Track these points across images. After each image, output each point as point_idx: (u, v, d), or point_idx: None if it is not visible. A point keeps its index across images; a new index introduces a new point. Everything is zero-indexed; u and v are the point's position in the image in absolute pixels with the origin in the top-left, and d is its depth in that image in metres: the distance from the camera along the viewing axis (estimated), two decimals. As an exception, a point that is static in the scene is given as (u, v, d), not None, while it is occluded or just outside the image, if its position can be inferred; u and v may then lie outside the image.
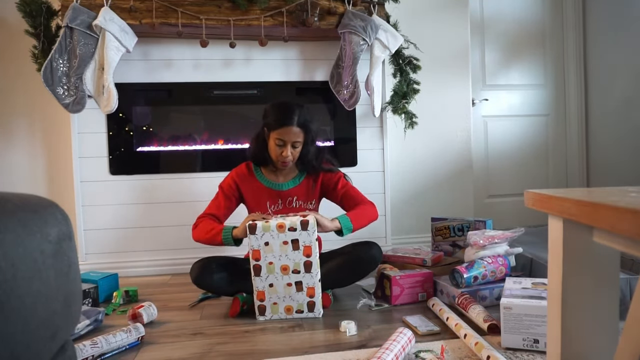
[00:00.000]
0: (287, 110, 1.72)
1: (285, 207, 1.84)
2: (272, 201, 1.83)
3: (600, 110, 3.23)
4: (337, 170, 1.87)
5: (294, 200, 1.84)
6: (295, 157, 1.76)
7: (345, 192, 1.84)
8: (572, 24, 3.32)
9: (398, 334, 1.31)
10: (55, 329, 0.65)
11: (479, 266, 1.71)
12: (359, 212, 1.74)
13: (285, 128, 1.70)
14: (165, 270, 2.40)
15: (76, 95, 2.10)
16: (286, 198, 1.83)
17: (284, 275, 1.57)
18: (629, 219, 0.56)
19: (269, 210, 1.83)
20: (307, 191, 1.86)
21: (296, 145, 1.74)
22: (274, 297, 1.59)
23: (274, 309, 1.60)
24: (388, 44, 2.40)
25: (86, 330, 1.54)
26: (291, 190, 1.84)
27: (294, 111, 1.71)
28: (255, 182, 1.83)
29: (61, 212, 0.70)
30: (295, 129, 1.70)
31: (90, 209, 2.36)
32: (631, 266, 1.70)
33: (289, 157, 1.73)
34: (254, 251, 1.55)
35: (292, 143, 1.72)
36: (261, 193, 1.83)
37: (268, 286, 1.57)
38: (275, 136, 1.72)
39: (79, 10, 2.08)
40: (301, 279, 1.58)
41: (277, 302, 1.60)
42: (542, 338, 1.30)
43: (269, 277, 1.57)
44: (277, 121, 1.71)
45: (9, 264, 0.55)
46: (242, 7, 2.25)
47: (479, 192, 3.19)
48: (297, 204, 1.84)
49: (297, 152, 1.76)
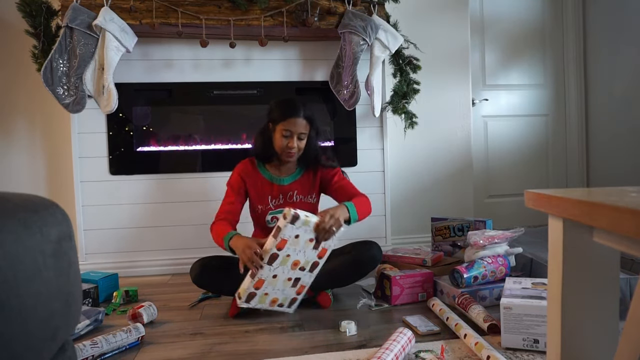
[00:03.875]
0: (293, 103, 1.78)
1: (285, 201, 1.86)
2: (273, 195, 1.85)
3: (600, 110, 3.23)
4: (336, 166, 1.90)
5: (294, 194, 1.85)
6: (300, 149, 1.79)
7: (340, 185, 1.86)
8: (572, 24, 3.32)
9: (398, 334, 1.31)
10: (55, 329, 0.65)
11: (479, 266, 1.71)
12: (359, 202, 1.72)
13: (292, 119, 1.74)
14: (165, 270, 2.40)
15: (76, 95, 2.10)
16: (287, 193, 1.85)
17: (291, 270, 1.55)
18: (629, 219, 0.56)
19: (270, 204, 1.84)
20: (306, 185, 1.88)
21: (302, 137, 1.78)
22: (270, 288, 1.55)
23: (261, 299, 1.57)
24: (388, 44, 2.40)
25: (86, 330, 1.54)
26: (291, 185, 1.86)
27: (299, 104, 1.78)
28: (259, 175, 1.86)
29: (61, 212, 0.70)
30: (301, 120, 1.75)
31: (90, 209, 2.36)
32: (631, 266, 1.70)
33: (294, 147, 1.75)
34: (282, 240, 1.49)
35: (298, 134, 1.76)
36: (264, 187, 1.85)
37: (272, 277, 1.53)
38: (281, 127, 1.75)
39: (79, 10, 2.08)
40: (301, 276, 1.58)
41: (268, 293, 1.57)
42: (542, 338, 1.30)
43: (278, 268, 1.53)
44: (284, 113, 1.75)
45: (9, 264, 0.55)
46: (242, 7, 2.25)
47: (479, 192, 3.19)
48: (298, 199, 1.86)
49: (303, 144, 1.79)
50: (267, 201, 1.85)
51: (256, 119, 2.55)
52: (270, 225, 1.84)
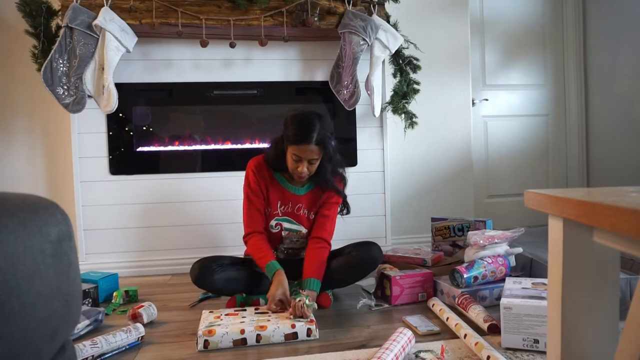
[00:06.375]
0: (306, 127, 1.64)
1: (292, 211, 1.83)
2: (283, 202, 1.82)
3: (600, 110, 3.23)
4: (342, 195, 1.84)
5: (302, 207, 1.82)
6: (311, 172, 1.72)
7: (325, 217, 1.82)
8: (572, 24, 3.32)
9: (398, 334, 1.31)
10: (55, 328, 0.65)
11: (479, 266, 1.71)
12: (319, 268, 1.73)
13: (303, 146, 1.64)
14: (165, 270, 2.40)
15: (76, 95, 2.10)
16: (296, 203, 1.82)
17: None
18: (629, 219, 0.56)
19: (278, 210, 1.82)
20: (314, 201, 1.84)
21: (313, 162, 1.70)
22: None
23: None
24: (388, 44, 2.40)
25: (86, 330, 1.54)
26: (302, 197, 1.82)
27: (313, 128, 1.64)
28: (272, 177, 1.81)
29: (61, 212, 0.70)
30: (312, 147, 1.64)
31: (90, 209, 2.36)
32: (631, 266, 1.70)
33: (304, 172, 1.69)
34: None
35: (309, 160, 1.68)
36: (275, 190, 1.81)
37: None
38: (292, 151, 1.67)
39: (79, 10, 2.08)
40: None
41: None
42: (542, 338, 1.30)
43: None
44: (295, 137, 1.65)
45: (9, 264, 0.55)
46: (242, 7, 2.25)
47: (479, 192, 3.19)
48: (303, 212, 1.83)
49: (314, 167, 1.72)
50: (275, 206, 1.82)
51: (256, 119, 2.56)
52: (274, 230, 1.83)
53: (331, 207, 1.83)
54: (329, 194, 1.82)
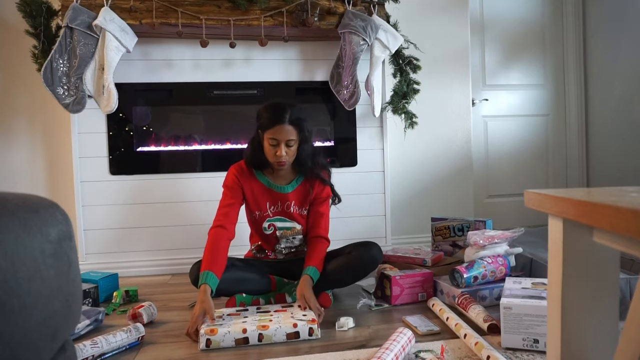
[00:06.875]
0: (279, 109, 1.69)
1: (283, 209, 1.83)
2: (271, 202, 1.82)
3: (600, 110, 3.23)
4: (328, 184, 1.85)
5: (291, 205, 1.82)
6: (290, 156, 1.73)
7: (319, 214, 1.83)
8: (572, 24, 3.32)
9: (398, 334, 1.31)
10: (55, 328, 0.65)
11: (479, 266, 1.71)
12: (319, 259, 1.74)
13: (278, 127, 1.66)
14: (165, 270, 2.40)
15: (76, 95, 2.10)
16: (285, 202, 1.82)
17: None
18: (629, 219, 0.56)
19: (268, 211, 1.82)
20: (303, 197, 1.84)
21: (290, 144, 1.70)
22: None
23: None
24: (388, 44, 2.40)
25: (86, 330, 1.54)
26: (289, 195, 1.82)
27: (286, 109, 1.68)
28: (256, 181, 1.81)
29: (61, 212, 0.70)
30: (287, 126, 1.67)
31: (90, 209, 2.36)
32: (631, 266, 1.70)
33: (283, 156, 1.69)
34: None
35: (286, 142, 1.69)
36: (261, 193, 1.81)
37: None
38: (268, 136, 1.69)
39: (79, 10, 2.08)
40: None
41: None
42: (542, 338, 1.30)
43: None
44: (269, 120, 1.68)
45: (9, 264, 0.55)
46: (242, 7, 2.25)
47: (479, 192, 3.19)
48: (294, 209, 1.83)
49: (292, 151, 1.72)
50: (265, 208, 1.82)
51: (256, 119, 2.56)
52: (267, 232, 1.83)
53: (322, 204, 1.84)
54: (317, 189, 1.83)
